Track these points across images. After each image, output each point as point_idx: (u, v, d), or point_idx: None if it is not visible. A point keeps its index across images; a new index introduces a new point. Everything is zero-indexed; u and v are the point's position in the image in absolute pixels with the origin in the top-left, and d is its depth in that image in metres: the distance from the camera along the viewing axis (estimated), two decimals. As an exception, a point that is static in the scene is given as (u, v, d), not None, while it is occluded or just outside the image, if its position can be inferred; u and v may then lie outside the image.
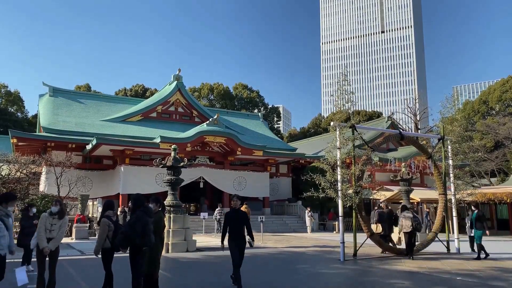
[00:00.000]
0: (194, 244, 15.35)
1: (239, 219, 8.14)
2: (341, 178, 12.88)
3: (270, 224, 25.61)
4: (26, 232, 10.12)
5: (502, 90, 51.88)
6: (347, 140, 13.45)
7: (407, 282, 9.08)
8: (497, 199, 23.97)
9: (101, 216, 7.28)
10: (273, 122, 67.98)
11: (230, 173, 28.30)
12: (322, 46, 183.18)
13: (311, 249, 16.00)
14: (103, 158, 27.69)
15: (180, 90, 33.04)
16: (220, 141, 26.50)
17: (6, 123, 48.63)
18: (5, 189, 20.77)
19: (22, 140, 25.54)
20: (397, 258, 13.10)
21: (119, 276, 7.47)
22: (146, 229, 6.55)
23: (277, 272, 10.54)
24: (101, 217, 7.21)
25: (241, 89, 66.37)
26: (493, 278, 9.53)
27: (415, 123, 45.07)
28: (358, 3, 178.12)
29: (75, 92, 35.51)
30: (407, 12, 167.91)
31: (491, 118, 48.11)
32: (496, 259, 12.89)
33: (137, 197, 6.99)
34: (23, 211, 11.11)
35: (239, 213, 8.25)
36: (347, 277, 10.16)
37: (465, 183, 15.92)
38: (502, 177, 41.15)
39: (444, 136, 15.46)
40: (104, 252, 7.08)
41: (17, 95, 56.58)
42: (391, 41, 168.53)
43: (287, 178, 33.62)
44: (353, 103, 14.16)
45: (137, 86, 64.49)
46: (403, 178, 20.06)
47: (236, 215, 8.17)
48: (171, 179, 15.40)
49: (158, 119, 32.07)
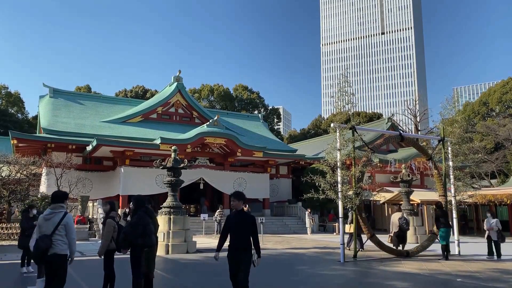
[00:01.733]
0: (194, 245, 15.35)
1: (246, 224, 6.08)
2: (341, 179, 12.88)
3: (270, 225, 25.63)
4: (27, 233, 10.13)
5: (502, 92, 51.93)
6: (347, 141, 13.46)
7: (407, 284, 9.08)
8: (497, 200, 23.95)
9: (106, 217, 7.28)
10: (273, 123, 68.01)
11: (230, 174, 28.30)
12: (322, 47, 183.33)
13: (311, 250, 15.99)
14: (103, 159, 27.70)
15: (180, 91, 33.07)
16: (220, 142, 26.51)
17: (7, 124, 48.67)
18: (5, 190, 20.80)
19: (22, 141, 25.54)
20: (397, 259, 13.10)
21: (119, 276, 7.46)
22: (147, 230, 6.58)
23: (277, 273, 10.54)
24: (106, 218, 7.22)
25: (241, 90, 66.41)
26: (493, 279, 9.53)
27: (415, 125, 45.09)
28: (358, 4, 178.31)
29: (75, 93, 35.51)
30: (407, 13, 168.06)
31: (491, 120, 48.16)
32: (497, 261, 12.88)
33: (139, 198, 7.02)
34: (23, 212, 11.11)
35: (246, 217, 6.21)
36: (347, 279, 10.15)
37: (465, 185, 15.91)
38: (502, 179, 41.15)
39: (444, 138, 15.46)
40: (109, 253, 7.09)
41: (17, 96, 56.64)
42: (391, 42, 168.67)
43: (287, 179, 33.62)
44: (353, 105, 14.16)
45: (137, 87, 64.56)
46: (403, 179, 20.16)
47: (241, 219, 6.13)
48: (171, 180, 15.40)
49: (158, 120, 32.09)
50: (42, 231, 5.72)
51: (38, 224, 5.92)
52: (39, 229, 5.79)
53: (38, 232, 5.85)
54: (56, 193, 6.10)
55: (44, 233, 5.64)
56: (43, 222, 5.77)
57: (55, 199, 5.96)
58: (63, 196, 6.07)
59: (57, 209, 5.83)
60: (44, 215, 5.84)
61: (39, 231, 5.77)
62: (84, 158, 26.83)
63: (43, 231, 5.71)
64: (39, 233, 5.78)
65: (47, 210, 5.89)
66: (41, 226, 5.78)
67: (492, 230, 13.43)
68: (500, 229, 13.45)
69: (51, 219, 5.73)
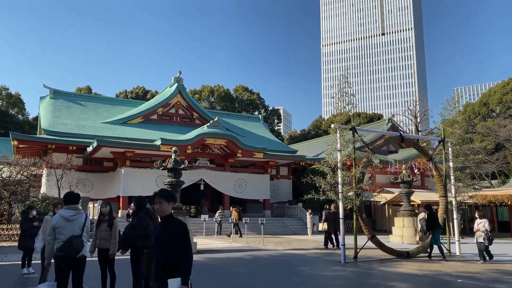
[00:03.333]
0: (195, 246, 15.33)
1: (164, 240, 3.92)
2: (341, 180, 12.87)
3: (270, 226, 25.62)
4: (27, 234, 10.14)
5: (502, 92, 51.92)
6: (348, 142, 13.46)
7: (407, 285, 9.07)
8: (497, 201, 23.96)
9: (112, 217, 7.28)
10: (274, 124, 68.00)
11: (230, 175, 28.30)
12: (322, 48, 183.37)
13: (312, 251, 15.98)
14: (104, 160, 27.71)
15: (181, 92, 33.08)
16: (220, 143, 26.52)
17: (7, 125, 48.72)
18: (6, 191, 20.81)
19: (22, 142, 25.56)
20: (397, 260, 13.10)
21: (119, 276, 7.46)
22: (147, 231, 6.58)
23: (277, 274, 10.53)
24: (113, 219, 7.23)
25: (241, 91, 66.42)
26: (494, 280, 9.52)
27: (416, 125, 45.07)
28: (359, 5, 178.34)
29: (75, 94, 35.53)
30: (407, 14, 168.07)
31: (491, 120, 48.12)
32: (497, 262, 12.86)
33: (140, 199, 7.03)
34: (23, 213, 11.11)
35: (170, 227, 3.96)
36: (348, 279, 10.15)
37: (466, 185, 15.90)
38: (502, 179, 41.14)
39: (445, 138, 15.46)
40: (104, 253, 7.10)
41: (18, 97, 56.67)
42: (391, 43, 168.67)
43: (287, 180, 33.61)
44: (354, 105, 14.16)
45: (137, 88, 64.59)
46: (404, 180, 20.15)
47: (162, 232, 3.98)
48: (172, 181, 15.40)
49: (158, 121, 32.11)
50: (62, 232, 5.55)
51: (56, 225, 5.63)
52: (58, 230, 5.58)
53: (51, 233, 5.62)
54: (71, 194, 6.01)
55: (73, 234, 5.55)
56: (64, 223, 5.60)
57: (71, 200, 5.86)
58: (78, 197, 6.01)
59: (77, 210, 5.77)
60: (64, 216, 5.67)
61: (58, 232, 5.57)
62: (85, 159, 26.84)
63: (64, 232, 5.54)
64: (57, 234, 5.57)
65: (65, 211, 5.73)
66: (61, 227, 5.58)
67: (479, 231, 12.68)
68: (488, 230, 12.59)
69: (76, 220, 5.66)
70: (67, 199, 5.89)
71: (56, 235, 5.62)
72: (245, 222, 19.90)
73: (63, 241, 5.56)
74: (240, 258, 13.79)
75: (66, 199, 5.90)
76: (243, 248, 16.96)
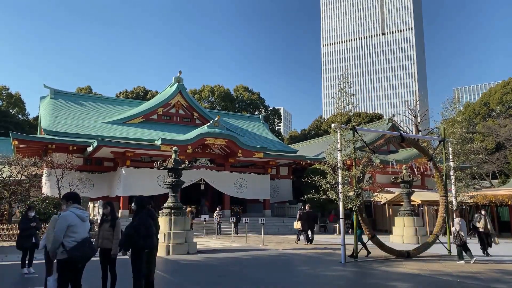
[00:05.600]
0: (195, 246, 15.34)
1: None
2: (342, 180, 12.87)
3: (271, 226, 25.62)
4: (25, 234, 10.14)
5: (502, 92, 51.93)
6: (348, 142, 13.45)
7: (407, 285, 9.07)
8: (498, 201, 23.94)
9: (115, 218, 7.29)
10: (274, 124, 68.03)
11: (230, 175, 28.29)
12: (322, 48, 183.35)
13: (312, 251, 15.98)
14: (104, 160, 27.72)
15: (181, 92, 33.09)
16: (221, 143, 26.52)
17: (7, 125, 48.76)
18: (6, 191, 20.81)
19: (23, 142, 25.57)
20: (398, 260, 13.09)
21: (120, 277, 7.45)
22: (149, 231, 6.57)
23: (278, 274, 10.53)
24: (116, 219, 7.23)
25: (241, 91, 66.45)
26: (494, 280, 9.51)
27: (416, 125, 45.07)
28: (359, 5, 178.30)
29: (76, 94, 35.53)
30: (407, 14, 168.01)
31: (492, 120, 48.12)
32: (498, 261, 12.86)
33: (141, 198, 7.01)
34: (23, 213, 11.12)
35: None
36: (348, 279, 10.14)
37: (466, 185, 15.89)
38: (503, 179, 41.15)
39: (445, 138, 15.45)
40: (106, 252, 7.10)
41: (18, 97, 56.71)
42: (391, 43, 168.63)
43: (287, 180, 33.61)
44: (354, 105, 14.16)
45: (138, 88, 64.61)
46: (404, 180, 20.14)
47: None
48: (172, 181, 15.39)
49: (159, 121, 32.11)
50: (76, 231, 5.51)
51: (72, 223, 5.52)
52: (73, 229, 5.50)
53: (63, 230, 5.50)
54: (77, 194, 6.06)
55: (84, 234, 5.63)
56: (80, 223, 5.58)
57: (77, 199, 5.90)
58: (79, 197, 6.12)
59: (83, 209, 5.83)
60: (80, 215, 5.65)
61: (72, 231, 5.50)
62: (85, 159, 26.85)
63: (78, 231, 5.52)
64: (70, 232, 5.49)
65: (80, 210, 5.71)
66: (76, 226, 5.53)
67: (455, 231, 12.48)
68: (457, 230, 12.43)
69: (87, 220, 5.75)
70: (76, 198, 5.90)
71: (69, 233, 5.51)
72: (245, 222, 19.92)
73: (76, 240, 5.49)
74: (240, 258, 13.79)
75: (75, 198, 5.90)
76: (243, 248, 16.96)
